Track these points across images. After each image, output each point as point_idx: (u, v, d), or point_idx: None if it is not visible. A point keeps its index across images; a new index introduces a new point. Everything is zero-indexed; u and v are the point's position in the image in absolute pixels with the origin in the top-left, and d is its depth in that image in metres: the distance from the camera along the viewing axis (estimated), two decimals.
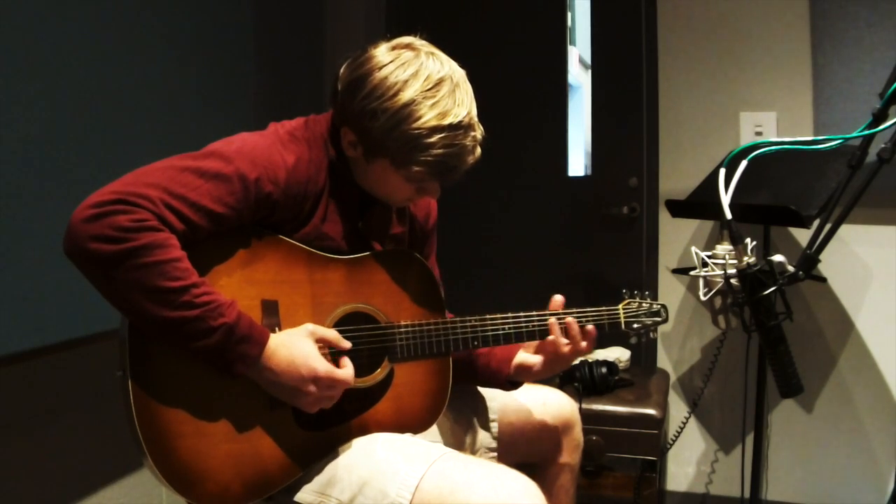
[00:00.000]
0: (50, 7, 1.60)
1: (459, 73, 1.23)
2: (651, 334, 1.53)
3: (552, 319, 1.38)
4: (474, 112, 1.23)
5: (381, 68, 1.19)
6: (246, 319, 1.09)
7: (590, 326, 1.40)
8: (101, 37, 1.74)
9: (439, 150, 1.18)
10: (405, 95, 1.17)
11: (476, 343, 1.36)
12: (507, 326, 1.37)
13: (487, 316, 1.37)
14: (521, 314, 1.38)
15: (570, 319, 1.38)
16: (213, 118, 2.11)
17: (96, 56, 1.73)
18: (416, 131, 1.17)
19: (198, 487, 1.09)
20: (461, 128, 1.19)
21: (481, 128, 1.24)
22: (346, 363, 1.18)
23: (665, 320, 1.54)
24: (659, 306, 1.54)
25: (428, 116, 1.17)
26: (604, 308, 1.47)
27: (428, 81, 1.18)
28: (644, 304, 1.52)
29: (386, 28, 2.96)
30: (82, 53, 1.69)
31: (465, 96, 1.21)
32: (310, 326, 1.16)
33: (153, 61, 1.90)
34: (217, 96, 2.16)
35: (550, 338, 1.38)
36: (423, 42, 1.25)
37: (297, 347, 1.12)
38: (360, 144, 1.23)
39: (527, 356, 1.43)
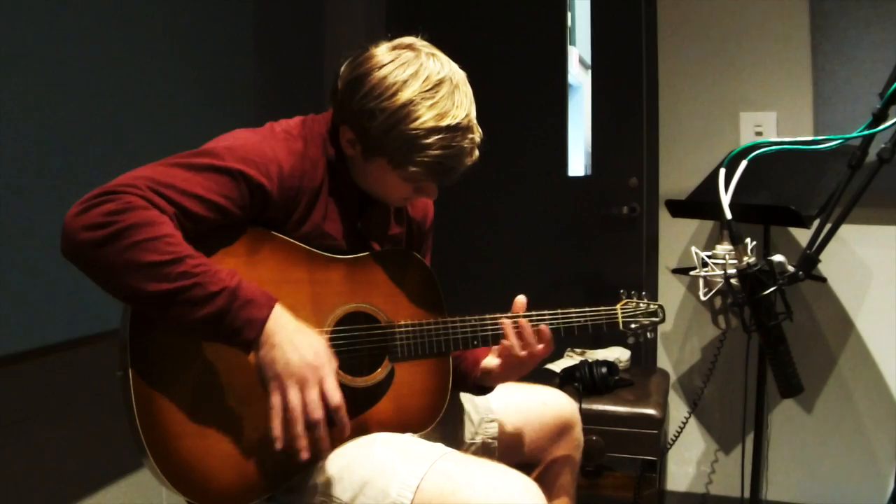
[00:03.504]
0: (50, 7, 1.61)
1: (460, 75, 1.23)
2: (649, 334, 1.53)
3: (505, 321, 1.35)
4: (473, 114, 1.23)
5: (380, 68, 1.19)
6: (249, 283, 1.07)
7: (543, 326, 1.36)
8: (101, 36, 1.74)
9: (436, 151, 1.18)
10: (404, 95, 1.17)
11: (476, 343, 1.36)
12: None
13: (487, 316, 1.37)
14: (521, 314, 1.38)
15: (522, 321, 1.35)
16: (213, 118, 2.11)
17: (96, 56, 1.73)
18: (414, 132, 1.17)
19: (199, 487, 1.09)
20: (459, 129, 1.19)
21: (480, 130, 1.24)
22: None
23: (662, 320, 1.54)
24: (656, 306, 1.54)
25: (426, 117, 1.17)
26: (602, 308, 1.47)
27: (427, 82, 1.18)
28: (641, 305, 1.52)
29: (386, 28, 2.96)
30: (82, 53, 1.69)
31: (464, 98, 1.21)
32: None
33: (153, 61, 1.90)
34: (217, 96, 2.16)
35: (504, 342, 1.35)
36: (424, 43, 1.25)
37: (313, 334, 1.11)
38: (358, 143, 1.23)
39: (490, 360, 1.41)
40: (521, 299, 1.38)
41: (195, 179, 1.09)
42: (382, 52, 1.21)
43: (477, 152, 1.24)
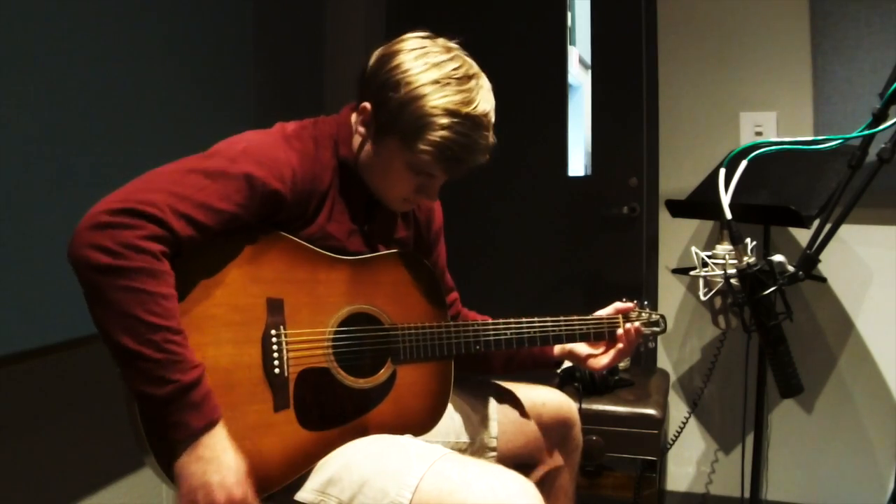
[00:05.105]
0: (50, 7, 1.60)
1: (488, 83, 1.26)
2: (650, 344, 1.54)
3: (626, 325, 1.47)
4: (493, 118, 1.25)
5: (416, 49, 1.22)
6: (204, 389, 1.04)
7: (623, 329, 1.47)
8: (101, 37, 1.74)
9: (449, 134, 1.19)
10: (434, 74, 1.19)
11: (478, 347, 1.36)
12: (509, 332, 1.38)
13: (490, 320, 1.39)
14: (524, 319, 1.40)
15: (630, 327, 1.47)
16: (213, 118, 2.11)
17: (96, 56, 1.73)
18: (432, 109, 1.18)
19: None
20: (477, 123, 1.20)
21: (494, 137, 1.25)
22: None
23: (664, 331, 1.55)
24: (658, 316, 1.55)
25: (449, 98, 1.18)
26: (605, 317, 1.48)
27: (459, 71, 1.21)
28: (644, 314, 1.52)
29: (386, 28, 2.95)
30: (82, 53, 1.69)
31: (489, 99, 1.24)
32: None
33: (153, 61, 1.90)
34: (217, 96, 2.15)
35: (619, 345, 1.47)
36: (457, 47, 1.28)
37: (240, 462, 1.07)
38: (373, 122, 1.24)
39: (584, 347, 1.50)
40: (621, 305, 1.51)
41: (212, 188, 1.09)
42: (419, 36, 1.24)
43: (487, 156, 1.25)
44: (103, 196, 1.05)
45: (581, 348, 1.50)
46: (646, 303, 1.56)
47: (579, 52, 3.14)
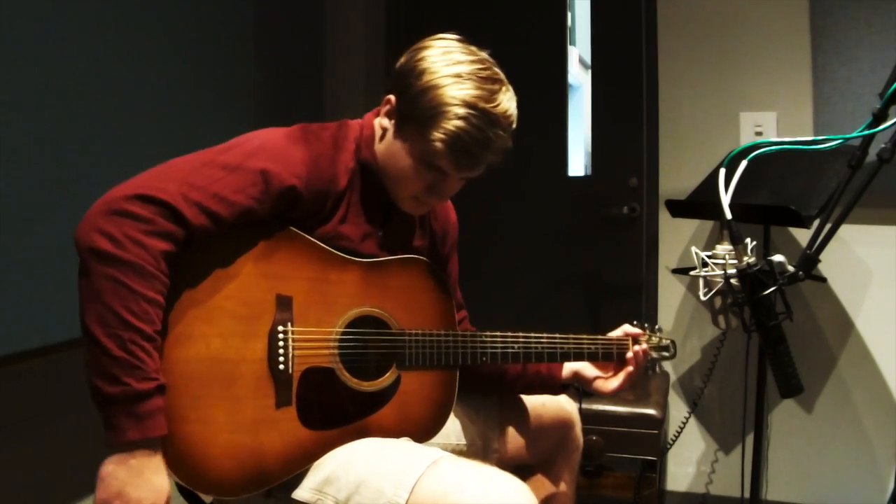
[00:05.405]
0: (51, 7, 1.61)
1: (513, 93, 1.26)
2: (657, 368, 1.53)
3: (635, 348, 1.45)
4: (513, 122, 1.25)
5: (445, 47, 1.23)
6: (157, 404, 1.01)
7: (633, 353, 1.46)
8: (101, 37, 1.74)
9: (463, 124, 1.18)
10: (459, 69, 1.19)
11: (484, 358, 1.36)
12: (516, 345, 1.38)
13: (498, 333, 1.38)
14: (532, 334, 1.39)
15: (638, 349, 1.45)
16: (213, 118, 2.11)
17: (97, 56, 1.73)
18: (451, 99, 1.18)
19: (197, 473, 1.09)
20: (494, 119, 1.20)
21: (511, 144, 1.25)
22: None
23: (673, 356, 1.55)
24: (668, 341, 1.54)
25: (469, 92, 1.18)
26: (614, 338, 1.48)
27: (485, 72, 1.21)
28: (654, 338, 1.52)
29: (386, 29, 2.95)
30: (83, 54, 1.69)
31: (512, 105, 1.24)
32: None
33: (153, 61, 1.90)
34: (217, 96, 2.16)
35: (629, 368, 1.45)
36: None
37: (168, 485, 1.05)
38: (396, 113, 1.24)
39: (591, 368, 1.48)
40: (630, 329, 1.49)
41: (226, 180, 1.10)
42: (449, 38, 1.26)
43: (501, 157, 1.25)
44: (102, 196, 1.05)
45: (588, 370, 1.48)
46: (657, 327, 1.55)
47: (579, 52, 3.14)
